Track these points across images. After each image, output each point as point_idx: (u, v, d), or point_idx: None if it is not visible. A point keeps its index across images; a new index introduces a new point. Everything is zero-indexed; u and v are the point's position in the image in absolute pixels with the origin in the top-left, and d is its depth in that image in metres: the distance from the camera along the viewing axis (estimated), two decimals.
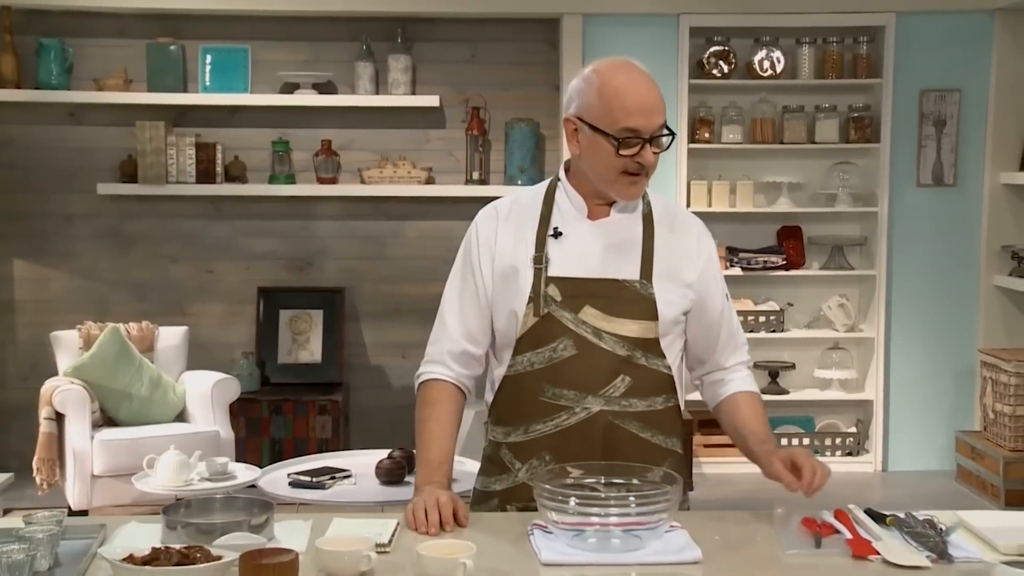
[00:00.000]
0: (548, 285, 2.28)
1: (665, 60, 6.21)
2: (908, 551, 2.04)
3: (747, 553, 2.10)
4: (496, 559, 2.01)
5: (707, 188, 6.31)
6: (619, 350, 2.27)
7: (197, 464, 4.53)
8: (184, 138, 6.10)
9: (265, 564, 1.78)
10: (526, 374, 2.29)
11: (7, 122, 6.23)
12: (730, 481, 6.16)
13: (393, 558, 2.01)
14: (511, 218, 2.36)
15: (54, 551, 1.93)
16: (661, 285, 2.30)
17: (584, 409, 2.27)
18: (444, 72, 6.31)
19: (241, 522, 2.03)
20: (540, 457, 2.29)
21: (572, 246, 2.30)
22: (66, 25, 6.18)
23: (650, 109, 2.22)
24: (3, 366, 6.34)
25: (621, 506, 2.05)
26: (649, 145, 2.23)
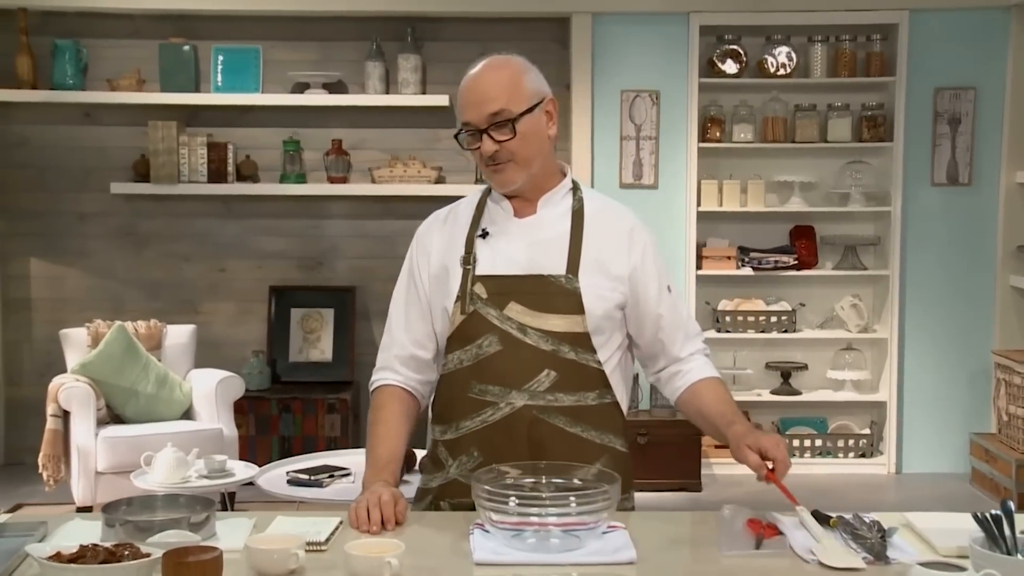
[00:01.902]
0: (475, 283, 2.31)
1: (675, 59, 6.19)
2: (845, 553, 2.02)
3: (685, 554, 2.09)
4: (429, 558, 2.01)
5: (718, 187, 6.28)
6: (544, 345, 2.28)
7: (195, 461, 4.57)
8: (196, 138, 6.16)
9: (185, 562, 1.80)
10: (456, 372, 2.32)
11: (23, 122, 6.32)
12: (739, 482, 6.11)
13: (329, 556, 2.02)
14: (447, 223, 2.41)
15: None
16: (588, 279, 2.29)
17: (508, 404, 2.28)
18: (454, 71, 6.28)
19: (180, 520, 2.05)
20: (469, 453, 2.31)
21: (499, 245, 2.33)
22: (81, 26, 6.26)
23: (479, 101, 2.25)
24: (19, 363, 6.43)
25: (559, 506, 2.05)
26: (486, 135, 2.26)
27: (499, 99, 2.24)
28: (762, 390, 6.41)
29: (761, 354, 6.46)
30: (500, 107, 2.24)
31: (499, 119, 2.24)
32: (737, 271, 6.30)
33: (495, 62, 2.30)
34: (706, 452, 6.21)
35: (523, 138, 2.26)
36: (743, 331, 6.31)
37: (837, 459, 6.34)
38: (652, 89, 6.21)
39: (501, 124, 2.25)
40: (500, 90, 2.25)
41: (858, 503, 5.45)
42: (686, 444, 5.96)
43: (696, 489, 5.93)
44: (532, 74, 2.32)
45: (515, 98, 2.25)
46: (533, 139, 2.29)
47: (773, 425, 6.46)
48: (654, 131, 6.22)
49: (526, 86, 2.28)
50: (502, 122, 2.24)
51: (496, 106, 2.24)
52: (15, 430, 6.39)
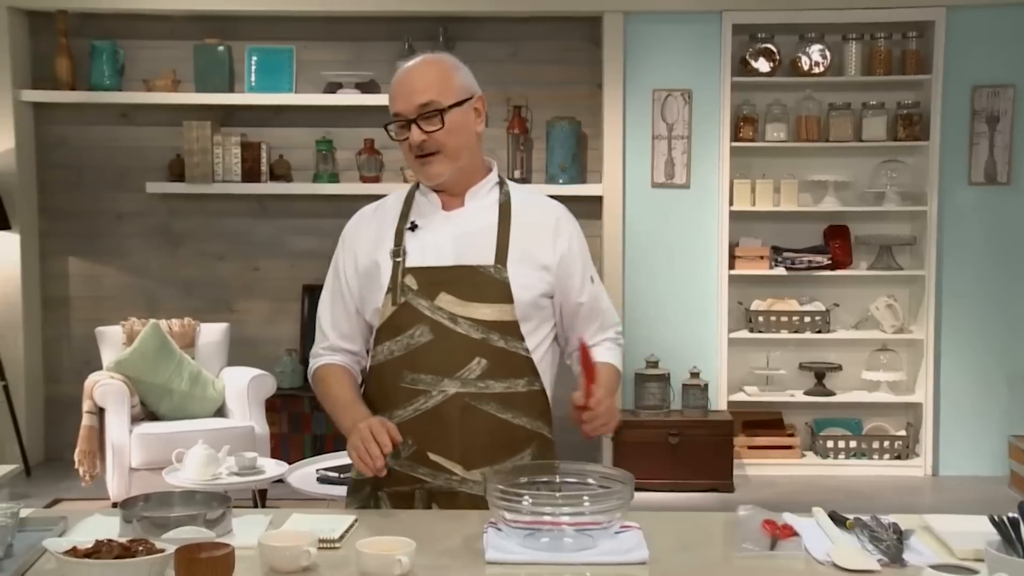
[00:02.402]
0: (405, 276, 2.35)
1: (708, 58, 6.16)
2: (860, 555, 2.01)
3: (699, 554, 2.08)
4: (441, 557, 2.02)
5: (750, 187, 6.24)
6: (474, 333, 2.32)
7: (226, 459, 4.61)
8: (230, 137, 6.21)
9: (197, 558, 1.81)
10: (387, 362, 2.36)
11: (62, 123, 6.41)
12: (772, 483, 6.08)
13: (342, 554, 2.03)
14: (375, 219, 2.46)
15: (5, 543, 1.97)
16: (516, 269, 2.34)
17: (441, 392, 2.31)
18: (486, 71, 6.24)
19: (196, 516, 2.07)
20: (404, 443, 2.33)
21: (427, 237, 2.38)
22: (118, 27, 6.33)
23: (409, 92, 2.31)
24: (58, 360, 6.52)
25: (573, 505, 2.05)
26: (415, 125, 2.30)
27: (429, 91, 2.29)
28: (795, 391, 6.37)
29: (794, 354, 6.41)
30: (430, 98, 2.29)
31: (428, 110, 2.29)
32: (770, 271, 6.26)
33: (427, 58, 2.36)
34: (738, 453, 6.18)
35: (451, 131, 2.31)
36: (776, 331, 6.27)
37: (872, 461, 6.28)
38: (684, 88, 6.18)
39: (430, 115, 2.29)
40: (430, 82, 2.30)
41: (893, 505, 5.40)
42: (718, 444, 5.93)
43: (728, 490, 5.90)
44: (463, 72, 2.37)
45: (445, 91, 2.30)
46: (461, 132, 2.33)
47: (807, 426, 6.42)
48: (686, 130, 6.19)
49: (456, 81, 2.33)
50: (431, 113, 2.29)
51: (426, 97, 2.29)
52: (55, 426, 6.47)
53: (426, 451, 2.29)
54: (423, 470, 2.34)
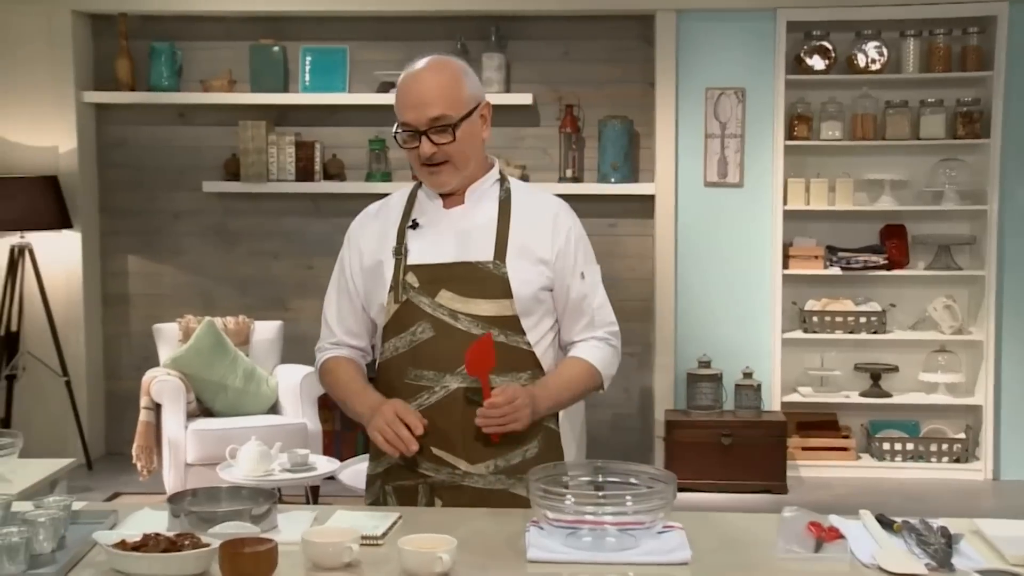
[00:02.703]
0: (407, 273, 2.38)
1: (761, 56, 6.11)
2: (907, 559, 1.98)
3: (741, 554, 2.07)
4: (482, 555, 2.02)
5: (805, 186, 6.18)
6: (474, 329, 2.34)
7: (278, 455, 4.66)
8: (284, 137, 6.28)
9: (241, 553, 1.84)
10: (392, 359, 2.40)
11: (121, 123, 6.51)
12: (827, 485, 6.02)
13: (384, 551, 2.04)
14: (378, 217, 2.49)
15: (59, 535, 2.01)
16: (515, 264, 2.37)
17: (443, 388, 2.34)
18: (538, 70, 6.33)
19: (242, 512, 2.10)
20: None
21: (428, 235, 2.41)
22: (176, 29, 6.42)
23: (419, 104, 2.31)
24: (118, 357, 6.63)
25: (616, 504, 2.05)
26: (426, 137, 2.31)
27: (439, 104, 2.30)
28: (851, 392, 6.29)
29: (850, 355, 6.34)
30: (441, 112, 2.30)
31: (440, 124, 2.31)
32: (825, 271, 6.19)
33: (435, 64, 2.35)
34: (792, 454, 6.12)
35: (461, 142, 2.33)
36: (831, 332, 6.20)
37: (930, 464, 6.19)
38: (737, 86, 6.14)
39: (441, 128, 2.30)
40: (440, 95, 2.30)
41: (951, 510, 5.31)
42: (771, 445, 5.88)
43: (782, 491, 5.85)
44: (470, 78, 2.38)
45: (455, 103, 2.31)
46: (470, 142, 2.36)
47: (863, 428, 6.34)
48: (739, 129, 6.15)
49: (465, 91, 2.34)
50: (442, 127, 2.31)
51: (437, 111, 2.30)
52: (115, 421, 6.58)
53: (430, 446, 2.32)
54: (427, 465, 2.37)
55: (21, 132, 6.29)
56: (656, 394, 6.22)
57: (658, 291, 6.21)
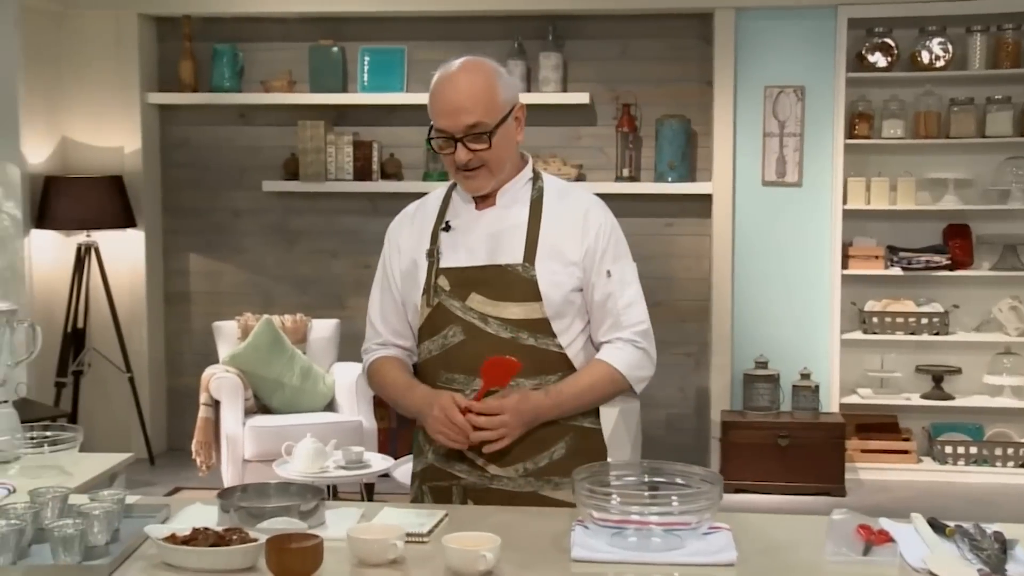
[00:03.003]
0: (439, 276, 2.38)
1: (822, 53, 6.04)
2: (959, 564, 1.95)
3: (788, 556, 2.05)
4: (527, 553, 2.03)
5: (865, 185, 6.10)
6: (503, 333, 2.33)
7: (333, 452, 4.70)
8: (343, 136, 6.33)
9: (288, 548, 1.86)
10: (427, 361, 2.41)
11: (184, 123, 6.61)
12: (887, 488, 5.94)
13: (429, 548, 2.05)
14: (416, 218, 2.49)
15: (112, 527, 2.05)
16: (544, 266, 2.35)
17: (473, 391, 2.33)
18: (595, 69, 6.32)
19: (290, 507, 2.12)
20: None
21: (460, 237, 2.40)
22: (238, 30, 6.51)
23: (455, 110, 2.29)
24: (180, 354, 6.73)
25: (661, 505, 2.05)
26: (461, 144, 2.29)
27: (475, 111, 2.28)
28: (912, 394, 6.20)
29: (911, 357, 6.24)
30: (476, 119, 2.29)
31: (475, 131, 2.29)
32: (885, 271, 6.11)
33: (469, 66, 2.32)
34: (851, 456, 6.04)
35: (496, 147, 2.31)
36: (891, 333, 6.11)
37: (994, 468, 6.07)
38: (797, 84, 6.07)
39: (477, 135, 2.29)
40: (476, 101, 2.29)
41: (1017, 515, 5.21)
42: (829, 447, 5.81)
43: (840, 494, 5.78)
44: (505, 81, 2.36)
45: (491, 109, 2.29)
46: (505, 146, 2.34)
47: (924, 431, 6.24)
48: (798, 127, 6.08)
49: (500, 96, 2.32)
50: (478, 133, 2.29)
51: (473, 118, 2.29)
52: (176, 418, 6.69)
53: (461, 448, 2.31)
54: (459, 466, 2.37)
55: (88, 133, 6.42)
56: (712, 394, 6.17)
57: (715, 291, 6.16)
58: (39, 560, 1.96)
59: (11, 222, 6.03)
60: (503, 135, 2.32)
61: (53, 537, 1.93)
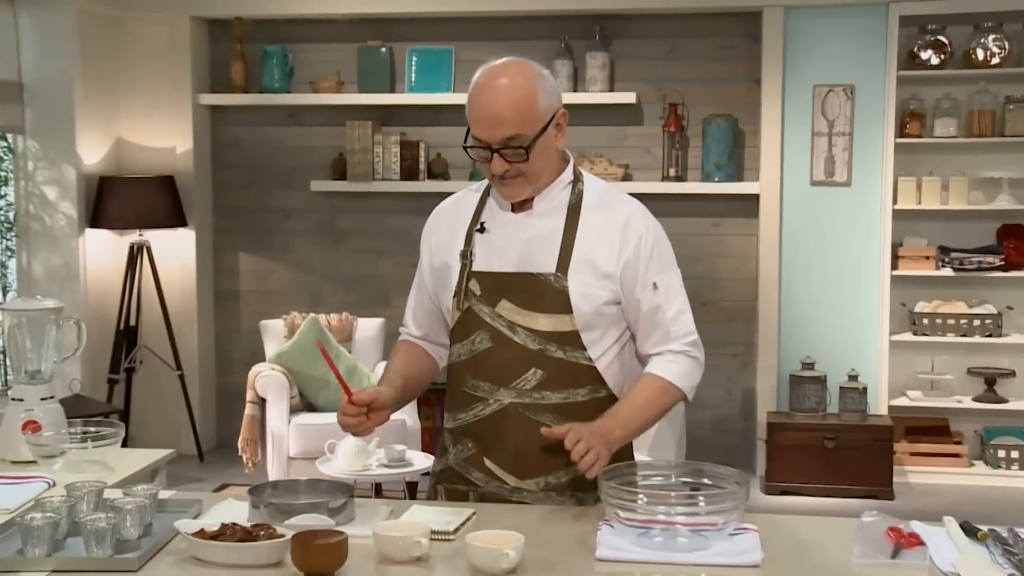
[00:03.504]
0: (470, 280, 2.32)
1: (873, 51, 5.97)
2: (988, 568, 1.93)
3: (815, 558, 2.04)
4: (551, 552, 2.03)
5: (916, 185, 6.02)
6: (531, 344, 2.28)
7: (375, 450, 4.73)
8: (390, 136, 6.37)
9: (313, 544, 1.88)
10: (456, 364, 2.38)
11: (235, 124, 6.69)
12: (936, 492, 5.86)
13: (455, 546, 2.06)
14: (452, 215, 2.43)
15: (145, 522, 2.09)
16: (577, 277, 2.27)
17: (496, 401, 2.30)
18: (642, 68, 6.30)
19: (319, 504, 2.14)
20: (463, 444, 2.36)
21: (495, 240, 2.33)
22: (288, 32, 6.58)
23: (491, 121, 2.20)
24: (229, 352, 6.82)
25: (688, 505, 2.04)
26: (497, 155, 2.21)
27: (513, 122, 2.19)
28: (963, 397, 6.11)
29: (962, 359, 6.15)
30: (515, 132, 2.20)
31: (513, 144, 2.20)
32: (936, 272, 6.02)
33: (510, 74, 2.22)
34: (900, 459, 5.97)
35: (534, 159, 2.22)
36: (942, 334, 6.03)
37: None
38: (847, 83, 6.01)
39: (515, 148, 2.20)
40: (515, 112, 2.19)
41: None
42: (877, 450, 5.74)
43: (888, 497, 5.72)
44: (546, 88, 2.24)
45: (529, 121, 2.20)
46: (544, 156, 2.25)
47: (976, 434, 6.15)
48: (848, 127, 6.02)
49: (540, 105, 2.21)
50: (516, 146, 2.21)
51: (511, 131, 2.20)
52: (226, 415, 6.77)
53: (482, 456, 2.30)
54: (477, 474, 2.34)
55: (142, 134, 6.52)
56: (759, 395, 6.13)
57: (762, 291, 6.12)
58: (73, 553, 2.00)
59: (67, 221, 6.15)
60: (542, 145, 2.23)
61: (86, 530, 1.97)
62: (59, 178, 6.12)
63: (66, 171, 6.11)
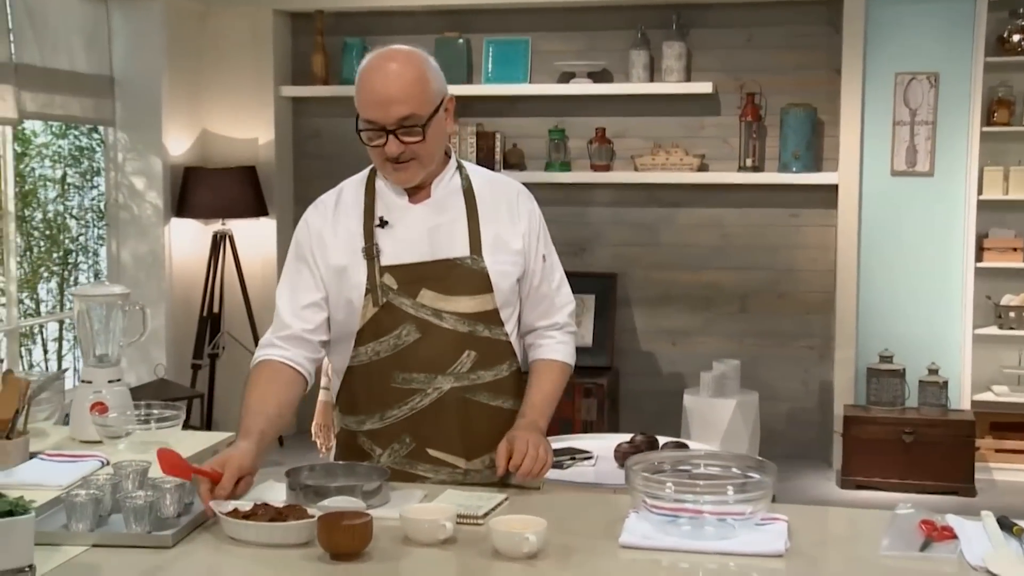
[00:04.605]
0: (383, 275, 2.33)
1: (959, 37, 5.83)
2: (1019, 563, 1.88)
3: (842, 550, 2.02)
4: (575, 538, 2.04)
5: (1003, 174, 5.86)
6: (460, 327, 2.33)
7: None
8: (466, 127, 6.42)
9: (338, 525, 1.93)
10: (372, 363, 2.35)
11: (316, 115, 6.81)
12: (1022, 490, 5.71)
13: (484, 530, 2.08)
14: (339, 211, 2.41)
15: (184, 501, 2.16)
16: (491, 257, 2.35)
17: (436, 389, 2.33)
18: (719, 58, 6.24)
19: (353, 487, 2.18)
20: (400, 440, 2.37)
21: (400, 233, 2.35)
22: (368, 24, 6.67)
23: (385, 102, 2.23)
24: None
25: (716, 494, 2.04)
26: (393, 136, 2.24)
27: (408, 102, 2.24)
28: None
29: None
30: (410, 111, 2.24)
31: (409, 123, 2.25)
32: (1021, 263, 5.86)
33: (400, 58, 2.27)
34: (984, 455, 5.83)
35: (429, 140, 2.28)
36: None
37: None
38: (930, 71, 5.88)
39: (410, 128, 2.25)
40: (408, 93, 2.24)
41: None
42: (958, 445, 5.62)
43: (969, 494, 5.59)
44: (435, 72, 2.31)
45: (423, 101, 2.25)
46: (436, 139, 2.32)
47: None
48: (931, 115, 5.88)
49: (431, 87, 2.28)
50: (411, 126, 2.24)
51: (406, 110, 2.24)
52: (306, 401, 6.78)
53: (425, 448, 2.31)
54: (423, 467, 2.37)
55: (225, 125, 6.68)
56: (836, 388, 6.03)
57: (840, 283, 6.02)
58: (114, 528, 2.08)
59: (153, 211, 6.33)
60: (436, 128, 2.29)
61: (125, 507, 2.04)
62: (146, 169, 6.31)
63: (153, 162, 6.29)
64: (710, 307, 6.21)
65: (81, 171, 6.69)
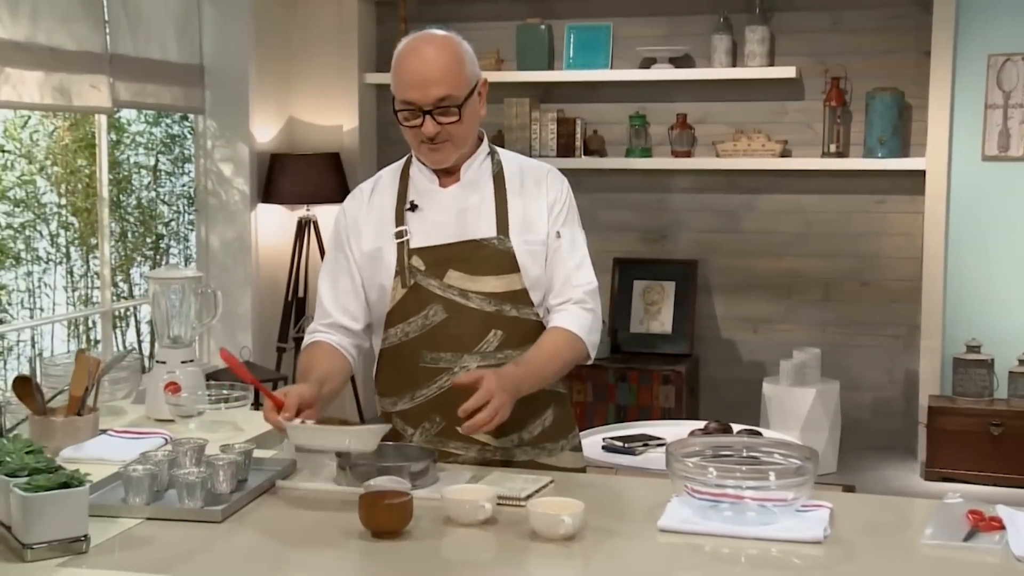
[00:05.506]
0: (412, 257, 2.38)
1: None
2: None
3: (885, 538, 2.00)
4: (613, 521, 2.06)
5: None
6: (487, 307, 2.37)
7: None
8: (547, 113, 6.43)
9: (379, 503, 1.97)
10: (402, 344, 2.40)
11: None
12: None
13: (524, 512, 2.10)
14: (374, 198, 2.47)
15: (237, 478, 2.22)
16: (518, 237, 2.39)
17: (463, 368, 2.35)
18: (803, 42, 6.14)
19: (401, 468, 2.23)
20: (431, 420, 2.40)
21: (429, 216, 2.41)
22: (450, 11, 6.70)
23: (423, 82, 2.29)
24: None
25: (758, 479, 2.04)
26: (430, 117, 2.28)
27: (444, 83, 2.31)
28: None
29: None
30: (447, 92, 2.32)
31: (445, 104, 2.32)
32: None
33: (438, 41, 2.36)
34: None
35: (465, 121, 2.34)
36: None
37: None
38: None
39: (447, 108, 2.30)
40: (445, 73, 2.32)
41: None
42: None
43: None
44: (470, 55, 2.41)
45: (460, 83, 2.34)
46: (471, 120, 2.40)
47: None
48: None
49: (467, 69, 2.37)
50: (448, 106, 2.30)
51: (443, 91, 2.31)
52: None
53: (454, 426, 2.32)
54: (454, 444, 2.40)
55: (310, 112, 6.80)
56: (921, 378, 5.91)
57: (926, 271, 5.88)
58: (168, 503, 2.15)
59: (240, 197, 6.47)
60: (470, 109, 2.38)
61: (178, 483, 2.11)
62: (234, 155, 6.45)
63: (240, 149, 6.43)
64: (791, 295, 6.13)
65: (172, 158, 6.88)
